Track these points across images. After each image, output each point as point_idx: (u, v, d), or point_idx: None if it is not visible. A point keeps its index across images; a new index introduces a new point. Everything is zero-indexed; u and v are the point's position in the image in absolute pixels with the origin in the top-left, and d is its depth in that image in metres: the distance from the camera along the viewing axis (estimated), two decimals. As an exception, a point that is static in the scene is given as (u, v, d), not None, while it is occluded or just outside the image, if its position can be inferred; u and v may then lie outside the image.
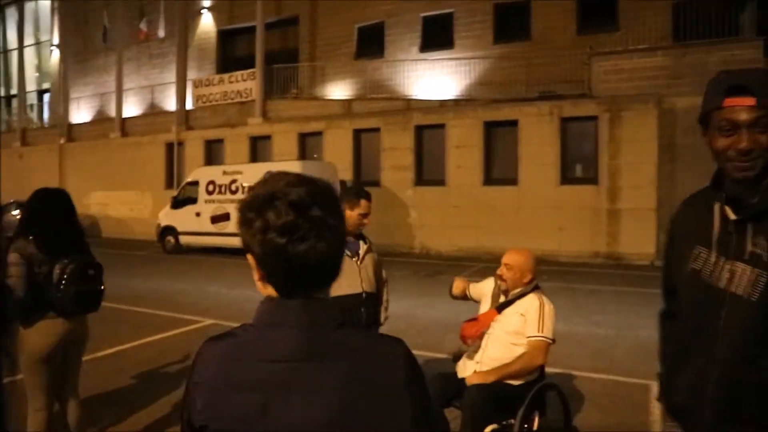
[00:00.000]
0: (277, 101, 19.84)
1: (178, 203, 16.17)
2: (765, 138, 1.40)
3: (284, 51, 21.69)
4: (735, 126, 1.41)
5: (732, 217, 1.46)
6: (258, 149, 19.17)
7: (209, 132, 20.43)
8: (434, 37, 18.92)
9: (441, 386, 3.27)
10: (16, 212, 19.76)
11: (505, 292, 3.36)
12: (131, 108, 24.49)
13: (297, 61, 20.96)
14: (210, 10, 23.82)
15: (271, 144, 18.72)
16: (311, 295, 1.05)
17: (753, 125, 1.40)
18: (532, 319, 3.16)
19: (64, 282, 3.12)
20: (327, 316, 1.05)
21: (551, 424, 3.39)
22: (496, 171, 15.51)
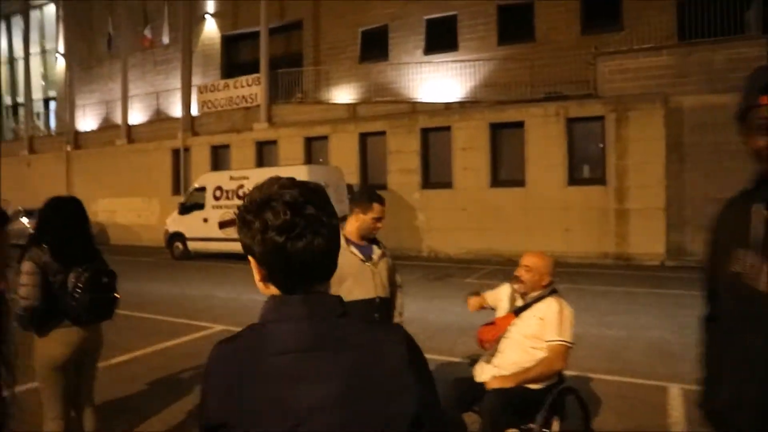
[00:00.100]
0: (283, 106, 19.87)
1: (186, 209, 16.21)
2: None
3: (288, 55, 21.76)
4: None
5: None
6: (264, 154, 19.22)
7: (215, 137, 20.49)
8: (438, 40, 18.92)
9: (458, 391, 3.25)
10: (25, 220, 19.89)
11: (523, 295, 3.33)
12: (137, 115, 24.59)
13: (301, 66, 21.01)
14: (214, 16, 23.92)
15: (277, 149, 18.75)
16: (311, 290, 1.10)
17: None
18: (552, 323, 3.12)
19: (79, 290, 3.11)
20: (328, 308, 1.10)
21: (570, 429, 3.36)
22: (503, 173, 15.48)
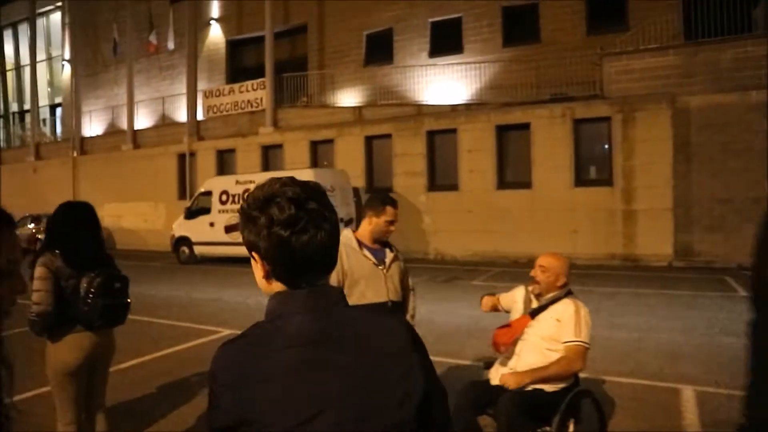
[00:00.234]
0: (288, 110, 19.89)
1: (192, 214, 16.22)
2: None
3: (293, 59, 21.80)
4: None
5: None
6: (270, 158, 19.23)
7: (221, 142, 20.52)
8: (443, 42, 18.91)
9: (473, 394, 3.22)
10: (32, 225, 19.98)
11: (538, 296, 3.30)
12: (142, 120, 24.67)
13: (306, 70, 21.04)
14: (219, 21, 23.99)
15: (283, 153, 18.76)
16: (314, 283, 1.13)
17: None
18: (569, 324, 3.09)
19: (92, 295, 3.10)
20: (331, 299, 1.14)
21: (586, 431, 3.32)
22: (509, 174, 15.44)
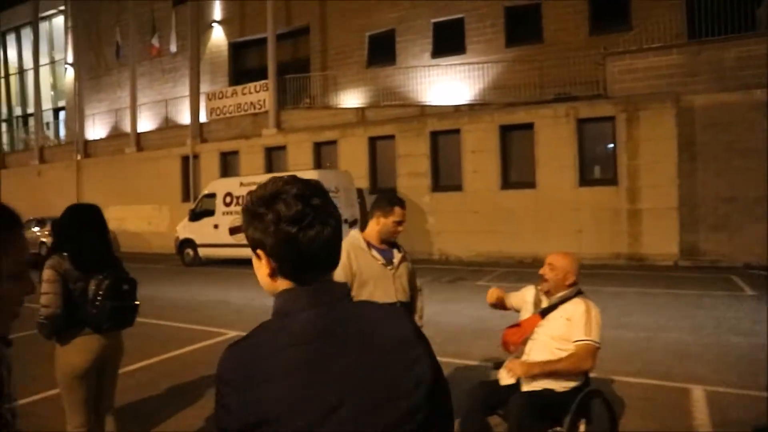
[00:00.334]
0: (291, 111, 19.90)
1: (196, 216, 16.24)
2: None
3: (296, 61, 21.81)
4: None
5: None
6: (273, 160, 19.24)
7: (224, 144, 20.55)
8: (446, 43, 18.90)
9: (483, 394, 3.21)
10: (36, 229, 20.01)
11: (547, 293, 3.29)
12: (146, 123, 24.72)
13: (309, 71, 21.05)
14: (221, 24, 24.02)
15: (286, 154, 18.77)
16: (320, 278, 1.14)
17: None
18: (579, 324, 3.08)
19: (100, 298, 3.10)
20: (335, 295, 1.15)
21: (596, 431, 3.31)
22: (514, 175, 15.42)
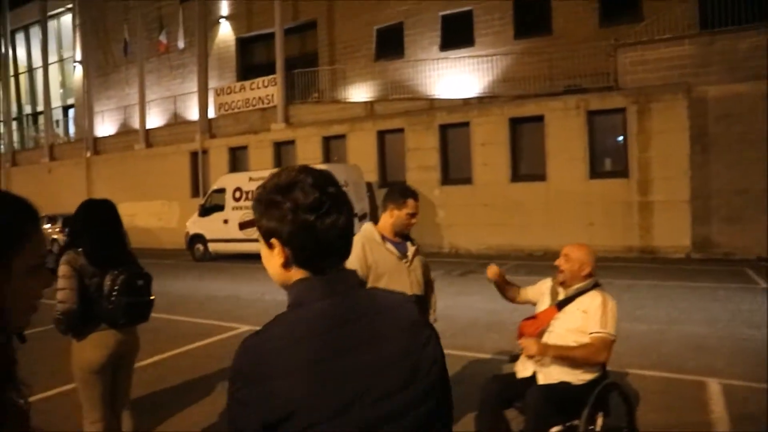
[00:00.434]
0: (299, 106, 19.88)
1: (206, 211, 16.28)
2: None
3: (304, 56, 21.76)
4: None
5: None
6: (282, 154, 19.25)
7: (233, 139, 20.57)
8: (454, 36, 18.78)
9: (498, 387, 3.19)
10: (47, 226, 20.16)
11: (563, 284, 3.26)
12: (154, 119, 24.78)
13: (317, 65, 20.98)
14: (228, 19, 24.00)
15: (295, 149, 18.77)
16: (334, 267, 1.16)
17: None
18: (595, 316, 3.05)
19: (115, 293, 3.10)
20: (349, 283, 1.17)
21: (614, 424, 3.28)
22: (524, 167, 15.34)
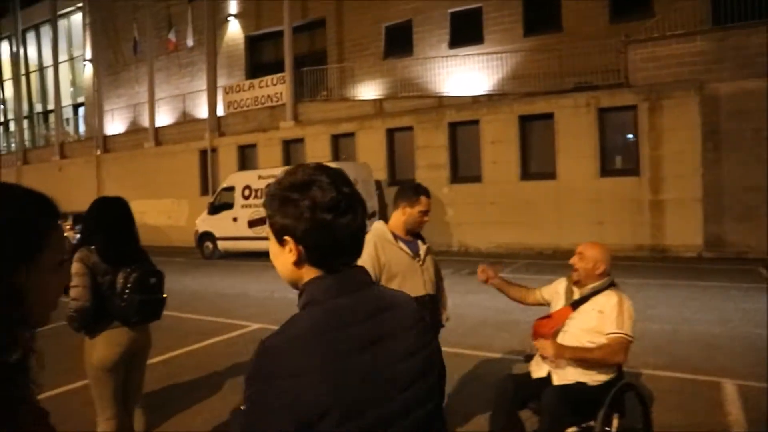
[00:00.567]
0: (308, 104, 19.88)
1: (215, 209, 16.31)
2: None
3: (312, 54, 21.75)
4: None
5: None
6: (291, 152, 19.24)
7: (242, 137, 20.60)
8: (463, 33, 18.70)
9: (514, 387, 3.16)
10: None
11: (577, 283, 3.22)
12: (164, 117, 24.86)
13: (326, 63, 20.97)
14: (237, 17, 24.03)
15: (304, 147, 18.77)
16: (347, 264, 1.17)
17: None
18: (611, 316, 3.01)
19: (128, 291, 3.10)
20: (362, 280, 1.19)
21: (630, 425, 3.24)
22: (533, 165, 15.25)
